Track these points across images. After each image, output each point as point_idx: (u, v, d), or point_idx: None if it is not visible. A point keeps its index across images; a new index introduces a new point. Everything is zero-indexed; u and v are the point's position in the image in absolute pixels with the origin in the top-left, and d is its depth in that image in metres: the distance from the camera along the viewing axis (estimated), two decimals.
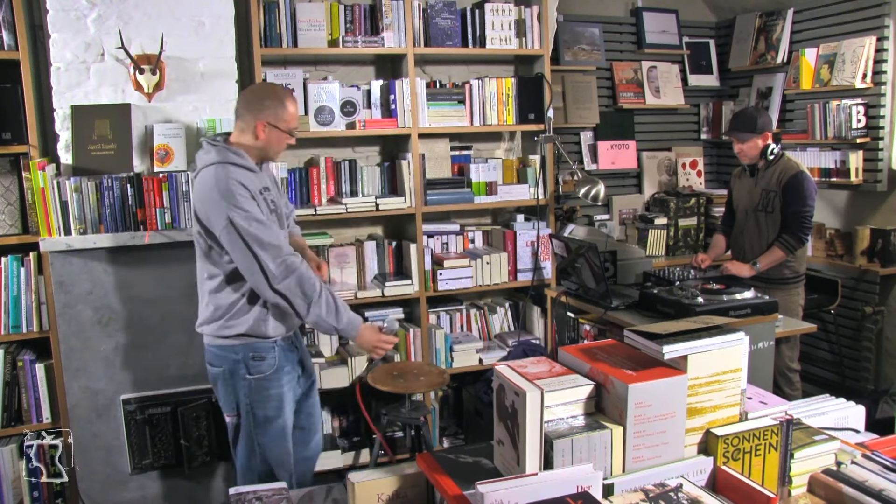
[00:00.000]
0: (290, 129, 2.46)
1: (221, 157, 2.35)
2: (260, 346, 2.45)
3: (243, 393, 2.47)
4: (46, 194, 2.88)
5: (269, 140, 2.43)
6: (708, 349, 1.44)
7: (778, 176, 3.45)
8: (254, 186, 2.35)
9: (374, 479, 1.53)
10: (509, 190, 3.94)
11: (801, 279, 3.56)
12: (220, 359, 2.48)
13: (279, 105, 2.42)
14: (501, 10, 3.80)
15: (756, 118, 3.46)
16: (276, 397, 2.51)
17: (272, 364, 2.48)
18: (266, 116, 2.41)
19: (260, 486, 1.69)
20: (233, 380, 2.47)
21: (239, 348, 2.45)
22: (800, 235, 3.39)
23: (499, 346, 3.96)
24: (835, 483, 1.46)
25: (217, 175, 2.31)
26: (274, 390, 2.50)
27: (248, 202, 2.30)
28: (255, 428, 2.50)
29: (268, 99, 2.43)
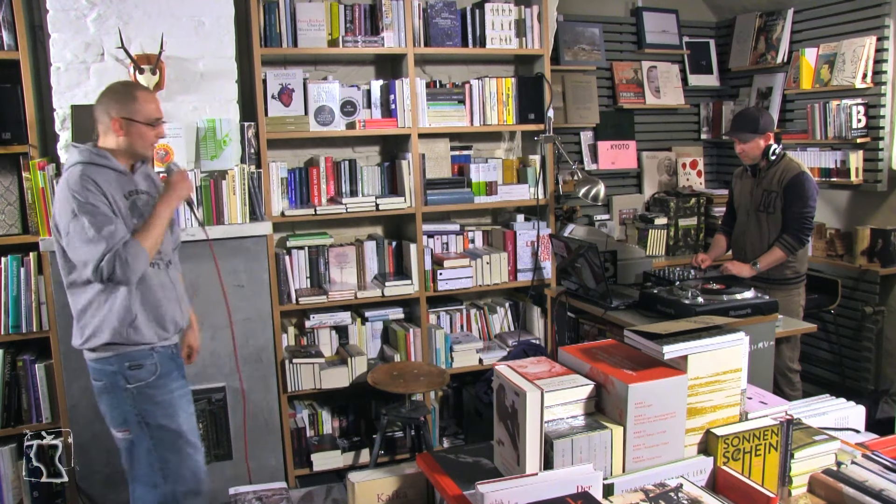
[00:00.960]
0: (148, 119, 2.34)
1: (83, 157, 2.29)
2: (134, 353, 2.35)
3: (129, 404, 2.36)
4: (46, 194, 2.88)
5: (130, 135, 2.33)
6: (708, 349, 1.44)
7: (779, 176, 3.45)
8: (115, 188, 2.27)
9: (374, 479, 1.53)
10: (509, 190, 3.94)
11: (802, 279, 3.56)
12: (99, 373, 2.38)
13: (129, 98, 2.33)
14: (501, 9, 3.80)
15: (758, 118, 3.45)
16: (165, 404, 2.40)
17: (152, 370, 2.38)
18: (119, 112, 2.31)
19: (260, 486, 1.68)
20: (115, 393, 2.36)
21: (112, 359, 2.34)
22: (800, 236, 3.39)
23: (499, 346, 3.96)
24: (835, 483, 1.46)
25: (71, 175, 2.24)
26: (161, 397, 2.40)
27: (95, 197, 2.20)
28: (151, 438, 2.39)
29: (117, 95, 2.35)
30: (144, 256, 2.26)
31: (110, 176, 2.29)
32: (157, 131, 2.40)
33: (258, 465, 3.31)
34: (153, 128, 2.38)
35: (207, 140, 3.20)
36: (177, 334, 2.52)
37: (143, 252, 2.25)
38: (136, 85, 2.49)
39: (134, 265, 2.22)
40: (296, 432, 3.60)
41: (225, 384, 3.22)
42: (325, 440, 3.70)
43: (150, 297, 2.38)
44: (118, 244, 2.19)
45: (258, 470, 3.30)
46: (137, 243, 2.24)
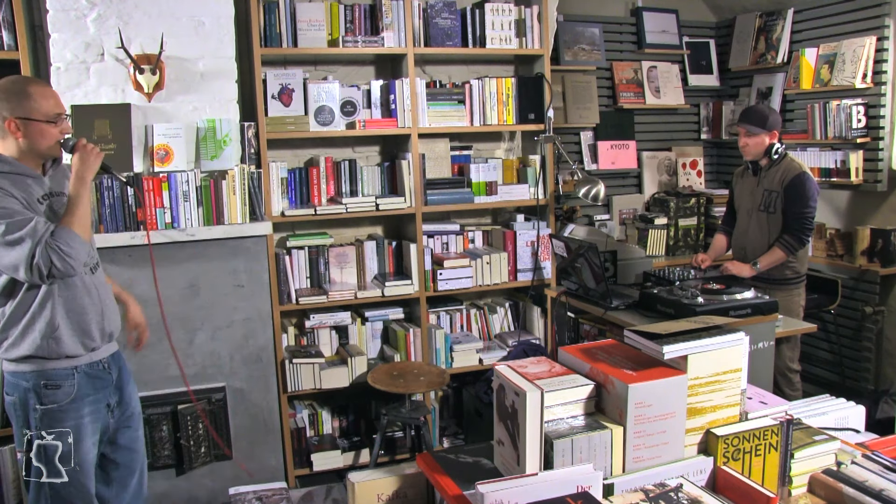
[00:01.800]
0: (48, 116, 2.14)
1: None
2: (54, 372, 2.18)
3: (34, 425, 2.18)
4: None
5: (29, 135, 2.13)
6: (708, 349, 1.44)
7: (780, 176, 3.45)
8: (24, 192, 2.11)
9: (374, 479, 1.53)
10: (509, 190, 3.94)
11: (802, 280, 3.56)
12: (12, 386, 2.21)
13: (22, 96, 2.12)
14: (501, 9, 3.80)
15: (767, 115, 3.45)
16: (73, 429, 2.22)
17: (69, 392, 2.20)
18: (13, 112, 2.11)
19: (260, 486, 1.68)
20: (23, 411, 2.19)
21: (29, 375, 2.17)
22: (801, 237, 3.39)
23: (499, 346, 3.96)
24: (835, 483, 1.46)
25: None
26: (70, 422, 2.21)
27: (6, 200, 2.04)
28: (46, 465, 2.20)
29: (7, 93, 2.13)
30: (79, 241, 2.09)
31: (19, 181, 2.12)
32: (60, 127, 2.19)
33: (258, 465, 3.31)
34: (55, 124, 2.17)
35: (207, 140, 3.20)
36: (109, 343, 2.34)
37: (76, 236, 2.09)
38: (29, 79, 2.25)
39: (70, 252, 2.06)
40: (296, 432, 3.60)
41: (225, 384, 3.22)
42: (325, 440, 3.70)
43: (73, 304, 2.20)
44: (45, 236, 2.04)
45: (258, 470, 3.30)
46: (66, 228, 2.08)
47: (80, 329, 2.22)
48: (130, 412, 2.43)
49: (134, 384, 2.46)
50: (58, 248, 2.04)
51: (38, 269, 2.03)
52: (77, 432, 2.22)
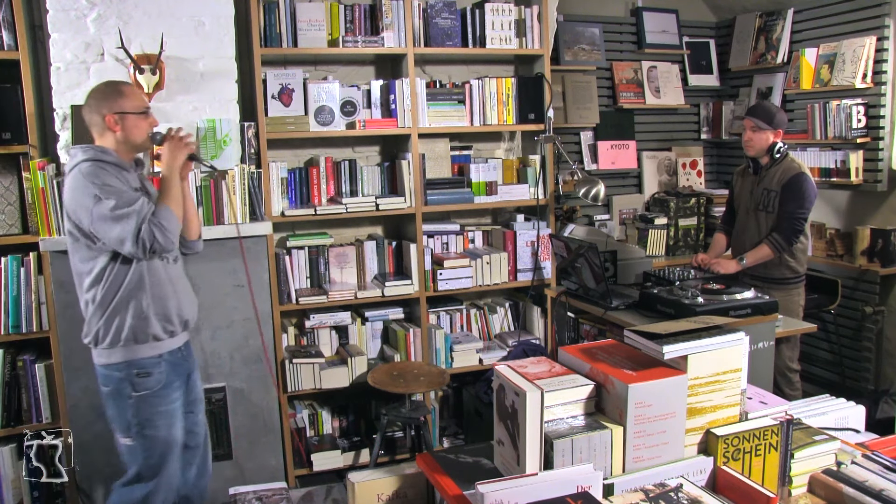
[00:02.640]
0: (139, 109, 2.43)
1: (88, 155, 2.35)
2: (144, 361, 2.38)
3: (131, 413, 2.39)
4: (46, 194, 2.88)
5: (126, 128, 2.40)
6: (708, 349, 1.44)
7: (780, 176, 3.45)
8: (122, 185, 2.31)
9: (374, 479, 1.53)
10: (509, 190, 3.94)
11: (801, 279, 3.55)
12: (106, 378, 2.41)
13: (116, 94, 2.40)
14: (501, 9, 3.79)
15: (774, 113, 3.45)
16: (167, 414, 2.43)
17: (160, 380, 2.41)
18: (110, 108, 2.38)
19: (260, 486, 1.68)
20: (120, 400, 2.39)
21: (121, 366, 2.37)
22: (790, 237, 3.38)
23: (499, 346, 3.96)
24: (835, 483, 1.46)
25: (81, 169, 2.31)
26: (163, 407, 2.42)
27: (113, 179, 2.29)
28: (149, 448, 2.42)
29: (104, 94, 2.41)
30: (175, 220, 2.34)
31: (115, 171, 2.35)
32: (149, 120, 2.46)
33: (258, 465, 3.31)
34: (145, 117, 2.45)
35: (207, 140, 3.20)
36: (184, 332, 2.54)
37: (173, 214, 2.33)
38: (118, 81, 2.52)
39: (170, 227, 2.30)
40: (296, 432, 3.60)
41: (225, 384, 3.22)
42: (325, 440, 3.70)
43: (157, 291, 2.41)
44: (148, 213, 2.27)
45: (258, 470, 3.30)
46: (166, 207, 2.33)
47: (164, 315, 2.43)
48: (194, 397, 2.64)
49: (198, 372, 2.66)
50: (160, 224, 2.27)
51: (142, 243, 2.24)
52: (171, 416, 2.45)
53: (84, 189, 2.27)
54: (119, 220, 2.24)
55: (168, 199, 2.37)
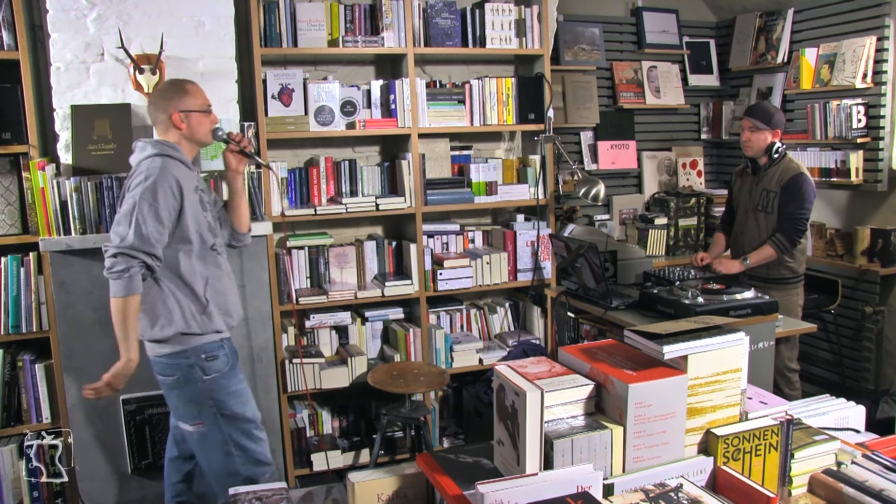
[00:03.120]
0: (203, 107, 2.53)
1: (158, 150, 2.42)
2: (208, 346, 2.46)
3: (205, 396, 2.45)
4: (46, 194, 2.88)
5: (191, 125, 2.51)
6: (708, 349, 1.43)
7: (778, 176, 3.45)
8: (187, 183, 2.42)
9: (374, 479, 1.53)
10: (509, 190, 3.94)
11: (800, 279, 3.56)
12: (172, 368, 2.44)
13: (181, 92, 2.50)
14: (501, 9, 3.79)
15: (773, 113, 3.46)
16: (238, 393, 2.53)
17: (226, 361, 2.50)
18: (176, 107, 2.48)
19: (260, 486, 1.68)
20: (190, 386, 2.45)
21: (189, 352, 2.43)
22: (792, 237, 3.39)
23: (499, 346, 3.96)
24: (835, 483, 1.46)
25: (152, 164, 2.37)
26: (235, 386, 2.52)
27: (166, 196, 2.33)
28: (226, 428, 2.49)
29: (168, 93, 2.51)
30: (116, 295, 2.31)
31: (182, 170, 2.42)
32: (210, 117, 2.56)
33: None
34: (208, 114, 2.54)
35: None
36: (235, 325, 2.62)
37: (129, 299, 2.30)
38: (183, 80, 2.60)
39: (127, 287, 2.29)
40: (296, 432, 3.60)
41: None
42: (325, 440, 3.70)
43: (218, 285, 2.51)
44: (143, 257, 2.29)
45: None
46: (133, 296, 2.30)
47: (224, 308, 2.53)
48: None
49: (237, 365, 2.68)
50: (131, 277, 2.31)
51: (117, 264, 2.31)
52: (242, 395, 2.54)
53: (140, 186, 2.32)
54: (131, 227, 2.28)
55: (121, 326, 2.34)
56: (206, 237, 2.49)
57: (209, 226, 2.52)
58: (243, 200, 2.77)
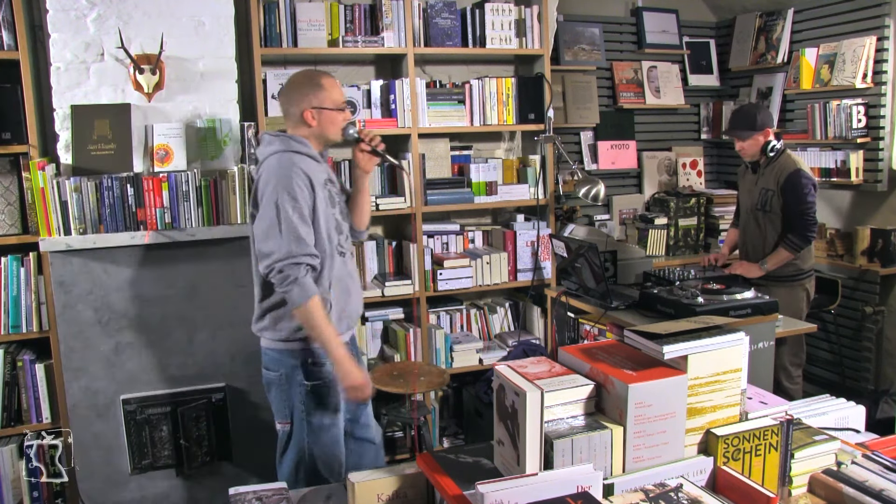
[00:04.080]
0: (337, 105, 2.43)
1: (285, 145, 2.36)
2: (319, 350, 2.38)
3: (298, 399, 2.40)
4: (46, 194, 2.88)
5: (322, 123, 2.42)
6: (708, 349, 1.44)
7: (776, 175, 3.45)
8: (317, 177, 2.36)
9: (374, 479, 1.53)
10: (509, 190, 3.94)
11: (807, 276, 3.55)
12: (277, 363, 2.42)
13: (316, 87, 2.40)
14: (501, 9, 3.79)
15: (756, 115, 3.46)
16: (334, 405, 2.45)
17: (331, 370, 2.39)
18: (310, 103, 2.40)
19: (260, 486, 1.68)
20: (289, 385, 2.41)
21: (298, 353, 2.39)
22: (805, 234, 3.39)
23: (499, 346, 3.96)
24: (835, 483, 1.46)
25: (280, 161, 2.32)
26: (332, 398, 2.44)
27: (303, 193, 2.29)
28: (308, 436, 2.43)
29: (303, 87, 2.42)
30: (293, 304, 2.27)
31: (311, 164, 2.36)
32: (344, 115, 2.46)
33: (258, 465, 3.31)
34: (342, 112, 2.45)
35: (207, 140, 3.20)
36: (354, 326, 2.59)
37: (309, 304, 2.26)
38: (319, 73, 2.50)
39: (301, 294, 2.24)
40: None
41: (225, 384, 3.21)
42: None
43: (341, 286, 2.44)
44: (306, 260, 2.26)
45: (258, 470, 3.30)
46: (311, 299, 2.25)
47: (345, 309, 2.46)
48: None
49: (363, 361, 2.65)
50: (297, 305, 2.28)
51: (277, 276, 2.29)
52: (336, 408, 2.45)
53: (277, 187, 2.27)
54: (283, 236, 2.24)
55: (315, 330, 2.30)
56: (332, 236, 2.42)
57: (336, 224, 2.46)
58: (367, 199, 2.67)
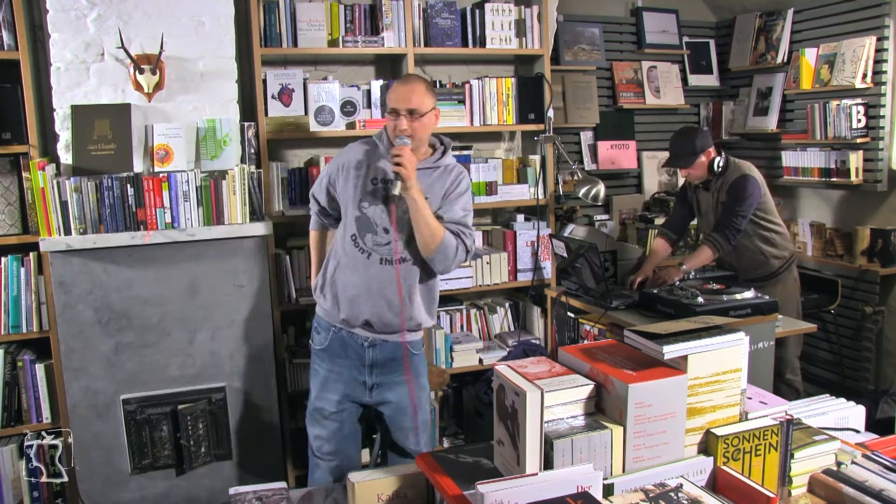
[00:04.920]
0: (387, 107, 2.50)
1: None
2: (316, 318, 2.72)
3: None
4: (46, 194, 2.88)
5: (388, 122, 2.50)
6: (708, 349, 1.44)
7: (727, 185, 3.43)
8: (351, 159, 2.56)
9: (374, 479, 1.53)
10: (509, 190, 3.94)
11: (790, 262, 3.56)
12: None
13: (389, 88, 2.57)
14: (501, 9, 3.79)
15: (693, 140, 3.40)
16: (314, 374, 2.76)
17: (320, 342, 2.69)
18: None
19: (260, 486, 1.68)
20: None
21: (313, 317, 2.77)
22: (728, 235, 3.32)
23: (499, 346, 3.96)
24: (835, 483, 1.46)
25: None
26: (314, 366, 2.75)
27: (328, 168, 2.67)
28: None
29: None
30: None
31: (358, 149, 2.58)
32: (395, 122, 2.43)
33: (258, 465, 3.31)
34: (391, 116, 2.44)
35: (207, 140, 3.20)
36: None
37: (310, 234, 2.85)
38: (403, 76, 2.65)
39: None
40: (296, 432, 3.60)
41: (225, 384, 3.21)
42: None
43: (344, 275, 2.57)
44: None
45: (258, 470, 3.30)
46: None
47: (340, 299, 2.58)
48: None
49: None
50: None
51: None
52: (317, 379, 2.77)
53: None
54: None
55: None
56: (349, 221, 2.52)
57: (360, 214, 2.50)
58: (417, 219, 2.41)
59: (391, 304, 2.50)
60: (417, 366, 2.68)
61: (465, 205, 2.56)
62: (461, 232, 2.49)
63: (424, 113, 2.45)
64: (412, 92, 2.44)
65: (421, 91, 2.45)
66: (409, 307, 2.52)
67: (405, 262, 2.49)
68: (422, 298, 2.57)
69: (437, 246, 2.41)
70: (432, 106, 2.50)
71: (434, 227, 2.40)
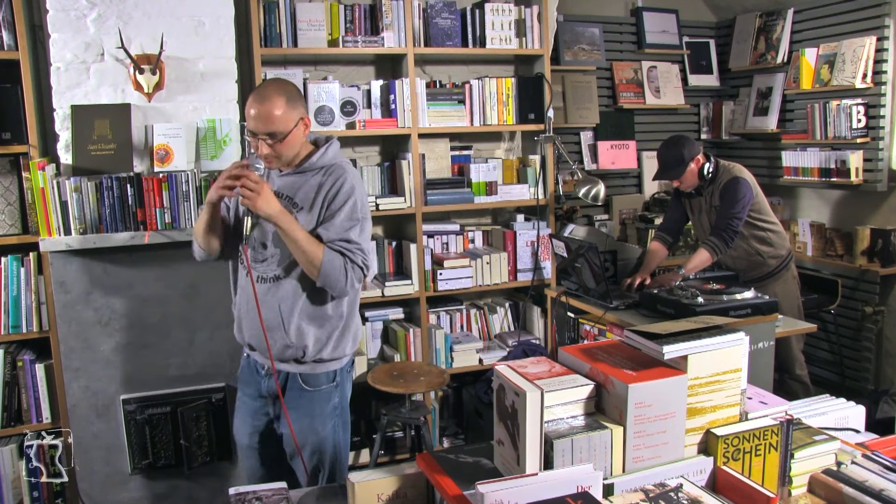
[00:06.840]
0: (246, 126, 2.17)
1: None
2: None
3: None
4: (46, 194, 2.88)
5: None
6: (708, 349, 1.43)
7: (719, 189, 3.43)
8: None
9: (374, 479, 1.53)
10: (509, 190, 3.94)
11: (788, 259, 3.56)
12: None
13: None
14: (501, 10, 3.80)
15: (681, 151, 3.39)
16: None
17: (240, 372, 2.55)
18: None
19: (260, 486, 1.68)
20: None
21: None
22: (725, 237, 3.32)
23: (499, 346, 3.96)
24: (835, 483, 1.46)
25: None
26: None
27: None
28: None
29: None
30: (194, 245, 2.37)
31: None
32: (255, 142, 2.13)
33: None
34: (250, 136, 2.14)
35: (207, 140, 3.20)
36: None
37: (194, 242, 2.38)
38: (260, 89, 2.17)
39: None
40: None
41: (225, 384, 3.22)
42: None
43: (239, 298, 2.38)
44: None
45: None
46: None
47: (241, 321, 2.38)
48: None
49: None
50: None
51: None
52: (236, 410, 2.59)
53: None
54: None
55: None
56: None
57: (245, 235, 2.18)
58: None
59: (270, 327, 2.20)
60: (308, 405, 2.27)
61: (349, 214, 2.17)
62: (345, 250, 2.13)
63: (287, 133, 2.11)
64: (269, 113, 2.08)
65: (280, 108, 2.09)
66: (289, 333, 2.20)
67: (279, 280, 2.20)
68: (312, 324, 2.21)
69: (318, 268, 2.10)
70: (297, 119, 2.14)
71: (308, 249, 2.09)
